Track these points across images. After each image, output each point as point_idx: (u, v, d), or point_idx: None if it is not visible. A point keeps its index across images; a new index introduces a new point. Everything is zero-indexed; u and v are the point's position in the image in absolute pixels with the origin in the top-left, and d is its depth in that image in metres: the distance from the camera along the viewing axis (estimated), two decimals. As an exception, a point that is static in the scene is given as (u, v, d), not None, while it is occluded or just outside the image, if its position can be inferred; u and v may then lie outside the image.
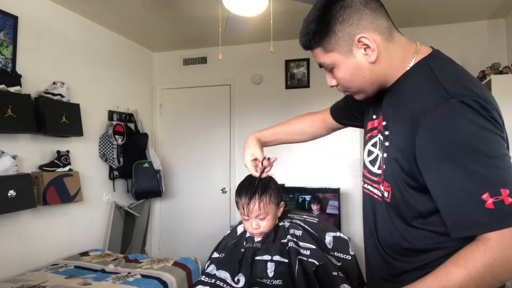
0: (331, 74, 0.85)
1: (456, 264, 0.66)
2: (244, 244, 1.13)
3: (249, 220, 1.11)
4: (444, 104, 0.67)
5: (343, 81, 0.84)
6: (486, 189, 0.63)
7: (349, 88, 0.85)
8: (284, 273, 1.02)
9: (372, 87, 0.83)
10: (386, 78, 0.81)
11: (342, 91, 0.89)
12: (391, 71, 0.80)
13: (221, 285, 1.05)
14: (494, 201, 0.62)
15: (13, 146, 2.30)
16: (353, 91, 0.86)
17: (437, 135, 0.67)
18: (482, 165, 0.64)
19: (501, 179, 0.63)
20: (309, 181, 3.40)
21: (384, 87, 0.84)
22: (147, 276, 2.19)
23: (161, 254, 3.82)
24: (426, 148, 0.69)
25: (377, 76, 0.80)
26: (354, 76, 0.81)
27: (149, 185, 3.34)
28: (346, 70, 0.81)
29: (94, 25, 3.10)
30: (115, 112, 3.29)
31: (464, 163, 0.64)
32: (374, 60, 0.77)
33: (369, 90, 0.84)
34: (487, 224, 0.63)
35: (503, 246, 0.62)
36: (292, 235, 1.10)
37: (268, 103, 3.59)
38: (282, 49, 3.51)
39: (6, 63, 2.27)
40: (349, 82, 0.83)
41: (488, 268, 0.63)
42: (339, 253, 1.10)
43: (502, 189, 0.62)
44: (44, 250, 2.53)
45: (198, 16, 2.97)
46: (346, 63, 0.80)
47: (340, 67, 0.81)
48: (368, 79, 0.81)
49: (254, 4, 1.92)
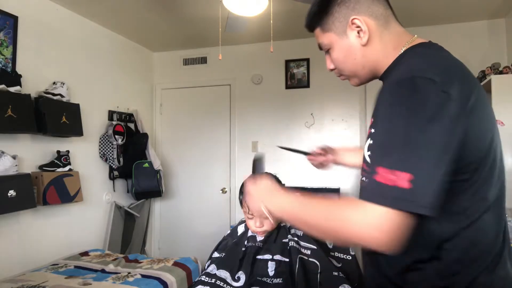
0: (330, 58, 0.90)
1: (327, 200, 0.71)
2: (246, 243, 1.13)
3: (253, 219, 1.11)
4: (401, 80, 0.67)
5: (337, 62, 0.88)
6: (382, 163, 0.63)
7: (343, 70, 0.89)
8: (285, 272, 1.02)
9: (363, 70, 0.85)
10: (377, 63, 0.83)
11: (338, 75, 0.93)
12: (383, 56, 0.82)
13: (221, 285, 1.05)
14: (382, 176, 0.62)
15: (13, 146, 2.30)
16: (346, 74, 0.89)
17: (382, 100, 0.71)
18: (398, 142, 0.63)
19: (405, 162, 0.61)
20: (309, 181, 3.40)
21: (376, 75, 0.87)
22: (147, 276, 2.19)
23: (161, 254, 3.82)
24: (375, 108, 0.74)
25: (368, 60, 0.83)
26: (346, 57, 0.84)
27: (149, 185, 3.34)
28: (339, 51, 0.85)
29: (94, 25, 3.10)
30: (115, 112, 3.29)
31: (388, 131, 0.65)
32: (366, 43, 0.80)
33: (361, 74, 0.87)
34: (368, 194, 0.64)
35: (365, 218, 0.63)
36: (293, 234, 1.10)
37: (268, 103, 3.59)
38: (282, 49, 3.51)
39: (6, 63, 2.27)
40: (342, 63, 0.87)
41: (340, 221, 0.66)
42: (340, 253, 1.10)
43: (401, 172, 0.60)
44: (44, 250, 2.53)
45: (198, 16, 2.97)
46: (340, 43, 0.84)
47: (335, 47, 0.85)
48: (360, 62, 0.83)
49: (254, 4, 1.92)
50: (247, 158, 3.63)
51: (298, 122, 3.49)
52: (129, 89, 3.57)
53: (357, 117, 3.32)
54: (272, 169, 1.19)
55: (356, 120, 3.32)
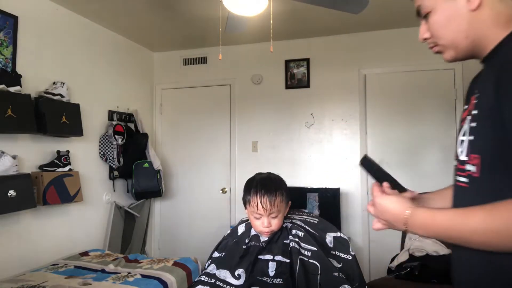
0: (426, 24, 0.80)
1: (483, 208, 0.62)
2: (247, 242, 1.13)
3: (260, 218, 1.10)
4: None
5: (436, 26, 0.77)
6: None
7: (440, 38, 0.78)
8: (285, 273, 1.02)
9: (465, 41, 0.75)
10: (483, 36, 0.73)
11: (432, 45, 0.82)
12: (492, 28, 0.71)
13: (221, 285, 1.05)
14: None
15: (13, 146, 2.30)
16: (443, 43, 0.78)
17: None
18: None
19: None
20: (309, 181, 3.40)
21: (477, 53, 0.77)
22: (147, 276, 2.19)
23: (161, 254, 3.82)
24: (507, 86, 0.63)
25: (474, 28, 0.73)
26: (449, 22, 0.75)
27: (149, 185, 3.34)
28: (442, 13, 0.75)
29: (94, 25, 3.10)
30: (115, 112, 3.29)
31: None
32: (475, 7, 0.70)
33: (462, 46, 0.76)
34: None
35: None
36: (294, 235, 1.10)
37: (268, 103, 3.59)
38: (282, 49, 3.51)
39: (6, 63, 2.27)
40: (443, 28, 0.76)
41: (506, 225, 0.58)
42: (340, 252, 1.10)
43: None
44: (44, 250, 2.52)
45: (198, 16, 2.97)
46: (445, 5, 0.74)
47: (438, 9, 0.75)
48: (464, 29, 0.73)
49: (254, 4, 1.91)
50: (247, 158, 3.63)
51: (298, 122, 3.49)
52: (129, 89, 3.57)
53: (357, 117, 3.32)
54: (272, 169, 1.19)
55: (356, 120, 3.32)
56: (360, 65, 3.33)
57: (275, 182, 1.16)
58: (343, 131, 3.37)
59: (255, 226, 1.14)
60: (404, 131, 3.16)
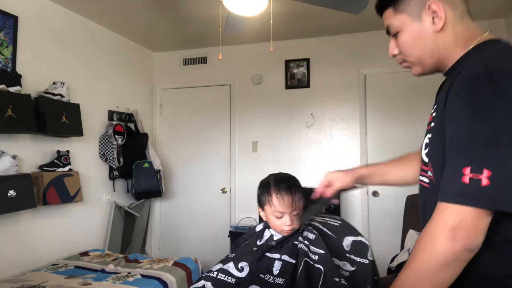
0: (395, 42, 0.87)
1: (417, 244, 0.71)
2: (258, 243, 1.11)
3: (282, 217, 1.09)
4: (478, 75, 0.67)
5: (404, 45, 0.85)
6: (470, 163, 0.63)
7: (408, 55, 0.86)
8: (288, 273, 1.01)
9: (430, 59, 0.83)
10: (446, 54, 0.81)
11: (401, 61, 0.90)
12: (453, 47, 0.79)
13: (222, 278, 1.04)
14: (470, 177, 0.63)
15: (13, 146, 2.30)
16: (411, 61, 0.86)
17: (459, 97, 0.68)
18: (481, 139, 0.63)
19: (487, 159, 0.62)
20: (309, 181, 3.39)
21: (441, 68, 0.84)
22: (147, 276, 2.19)
23: (161, 254, 3.82)
24: (450, 106, 0.70)
25: (438, 47, 0.80)
26: (416, 41, 0.82)
27: (149, 185, 3.34)
28: (410, 34, 0.82)
29: (94, 25, 3.10)
30: (115, 112, 3.29)
31: (469, 129, 0.65)
32: (440, 29, 0.79)
33: (427, 63, 0.84)
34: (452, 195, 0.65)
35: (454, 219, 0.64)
36: (304, 237, 1.08)
37: (268, 103, 3.59)
38: (282, 49, 3.51)
39: (6, 63, 2.27)
40: (410, 48, 0.84)
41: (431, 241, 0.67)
42: (356, 256, 1.07)
43: (485, 169, 0.62)
44: (44, 250, 2.53)
45: (198, 16, 2.97)
46: (412, 26, 0.82)
47: (405, 30, 0.83)
48: (429, 48, 0.81)
49: (254, 4, 1.91)
50: (247, 158, 3.63)
51: (298, 122, 3.49)
52: (129, 89, 3.57)
53: (357, 117, 3.32)
54: (272, 169, 1.19)
55: (356, 120, 3.32)
56: (360, 65, 3.33)
57: (292, 179, 1.18)
58: (343, 131, 3.37)
59: (275, 227, 1.12)
60: (404, 131, 3.16)
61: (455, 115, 0.68)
